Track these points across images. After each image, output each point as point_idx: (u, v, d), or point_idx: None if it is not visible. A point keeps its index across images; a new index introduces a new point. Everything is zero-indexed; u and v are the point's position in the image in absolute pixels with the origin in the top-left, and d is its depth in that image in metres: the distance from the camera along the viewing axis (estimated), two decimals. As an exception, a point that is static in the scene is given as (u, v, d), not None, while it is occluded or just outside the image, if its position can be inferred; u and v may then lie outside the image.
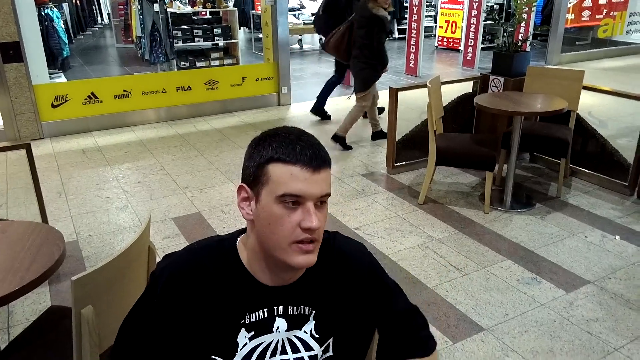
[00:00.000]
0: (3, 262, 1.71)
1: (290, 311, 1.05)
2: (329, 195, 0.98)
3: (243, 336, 1.03)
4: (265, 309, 1.04)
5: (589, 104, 6.05)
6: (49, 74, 5.86)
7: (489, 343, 2.37)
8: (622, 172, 3.92)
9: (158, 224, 3.53)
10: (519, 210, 3.68)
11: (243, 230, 1.08)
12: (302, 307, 1.06)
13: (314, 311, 1.07)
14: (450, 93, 4.43)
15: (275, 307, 1.04)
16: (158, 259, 2.93)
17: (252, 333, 1.03)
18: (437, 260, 3.08)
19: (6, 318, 2.60)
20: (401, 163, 4.42)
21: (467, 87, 4.64)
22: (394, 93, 4.12)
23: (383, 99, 5.13)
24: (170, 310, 1.01)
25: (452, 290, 2.78)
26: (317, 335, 1.07)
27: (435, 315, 2.57)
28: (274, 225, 0.96)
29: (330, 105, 6.30)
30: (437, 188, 4.09)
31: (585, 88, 3.99)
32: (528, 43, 7.92)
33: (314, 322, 1.07)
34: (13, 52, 5.01)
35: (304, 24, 11.21)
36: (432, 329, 2.44)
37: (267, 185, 0.95)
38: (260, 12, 7.46)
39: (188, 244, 1.10)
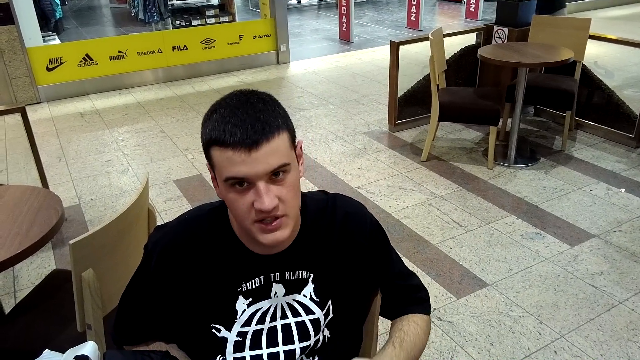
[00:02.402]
0: (1, 227, 1.69)
1: (287, 276, 1.03)
2: (284, 165, 0.88)
3: (241, 303, 1.01)
4: (262, 276, 1.02)
5: (594, 54, 5.91)
6: (43, 36, 5.72)
7: (493, 298, 2.38)
8: (628, 124, 3.85)
9: (160, 187, 3.51)
10: (523, 165, 3.64)
11: None
12: (299, 271, 1.04)
13: (312, 275, 1.05)
14: (452, 46, 4.31)
15: (272, 274, 1.02)
16: (159, 220, 2.92)
17: (250, 299, 1.02)
18: (441, 217, 3.06)
19: (12, 282, 2.61)
20: (403, 120, 4.35)
21: (471, 40, 4.51)
22: (395, 47, 4.01)
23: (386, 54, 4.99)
24: (166, 283, 1.00)
25: (455, 246, 2.78)
26: (317, 299, 1.05)
27: (439, 272, 2.57)
28: (232, 208, 0.92)
29: (327, 63, 6.18)
30: (440, 145, 4.04)
31: (591, 37, 3.87)
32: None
33: (313, 285, 1.05)
34: (3, 14, 4.88)
35: (302, -22, 10.88)
36: (436, 285, 2.46)
37: (215, 168, 0.90)
38: (256, -34, 7.22)
39: (179, 215, 1.07)
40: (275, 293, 1.03)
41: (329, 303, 1.07)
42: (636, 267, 2.55)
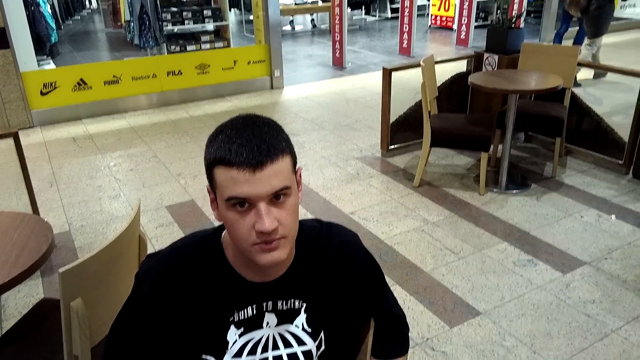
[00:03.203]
0: (-10, 256, 1.68)
1: (279, 306, 1.03)
2: (285, 188, 0.89)
3: (233, 333, 1.00)
4: (254, 305, 1.01)
5: (583, 81, 6.01)
6: (37, 60, 5.74)
7: (486, 327, 2.37)
8: (617, 151, 3.89)
9: (151, 212, 3.50)
10: (514, 191, 3.66)
11: None
12: (292, 300, 1.03)
13: (304, 304, 1.04)
14: (444, 73, 4.37)
15: (264, 303, 1.02)
16: (150, 248, 2.89)
17: (242, 329, 1.01)
18: (433, 243, 3.06)
19: (-1, 310, 2.57)
20: (396, 145, 4.38)
21: (461, 66, 4.58)
22: (387, 73, 4.06)
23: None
24: (158, 312, 0.99)
25: (448, 273, 2.77)
26: (309, 329, 1.04)
27: (432, 300, 2.56)
28: (232, 229, 0.92)
29: (320, 88, 6.23)
30: (432, 170, 4.07)
31: (579, 64, 3.94)
32: (522, 19, 7.85)
33: (305, 315, 1.04)
34: (-1, 38, 4.91)
35: (296, 4, 11.05)
36: (429, 314, 2.45)
37: (217, 189, 0.91)
38: (250, -7, 7.33)
39: (172, 242, 1.06)
40: (268, 323, 1.02)
41: (322, 334, 1.06)
42: (628, 295, 2.55)
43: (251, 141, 0.87)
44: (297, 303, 1.03)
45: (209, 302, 0.99)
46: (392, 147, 4.35)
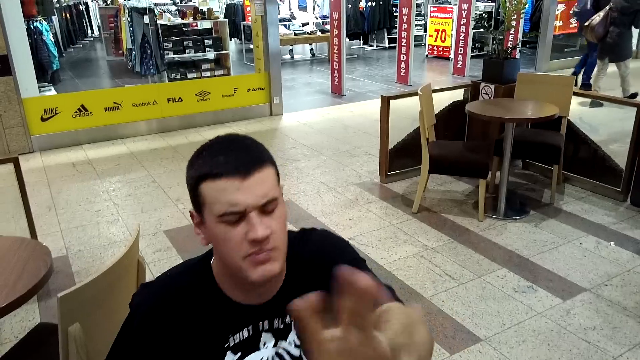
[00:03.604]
0: (-12, 279, 1.67)
1: (275, 324, 1.01)
2: (274, 199, 0.89)
3: (230, 359, 0.99)
4: (250, 326, 1.00)
5: (579, 110, 6.08)
6: (39, 87, 5.80)
7: (487, 354, 2.34)
8: (614, 178, 3.92)
9: (149, 237, 3.49)
10: (513, 218, 3.67)
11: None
12: (286, 317, 1.02)
13: (293, 320, 1.02)
14: (441, 101, 4.43)
15: (260, 323, 1.00)
16: (148, 272, 2.87)
17: (240, 354, 0.99)
18: (433, 269, 3.05)
19: (-7, 336, 2.54)
20: (394, 172, 4.40)
21: (458, 95, 4.64)
22: (385, 101, 4.11)
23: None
24: (151, 343, 0.97)
25: (448, 300, 2.75)
26: (299, 343, 1.02)
27: (432, 326, 2.54)
28: (223, 245, 0.90)
29: (319, 115, 6.28)
30: (430, 196, 4.08)
31: (575, 94, 4.01)
32: (517, 50, 7.98)
33: (295, 330, 1.02)
34: (1, 65, 4.97)
35: (295, 34, 11.24)
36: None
37: (205, 206, 0.90)
38: (250, 22, 7.47)
39: (162, 272, 1.05)
40: (265, 343, 1.00)
41: None
42: (629, 322, 2.54)
43: (236, 151, 0.89)
44: (287, 319, 1.02)
45: (202, 331, 0.98)
46: (391, 173, 4.38)
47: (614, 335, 2.45)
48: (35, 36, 6.91)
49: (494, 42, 4.62)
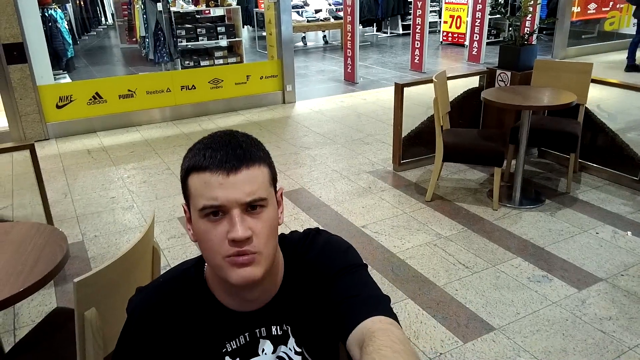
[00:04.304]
0: (6, 264, 1.69)
1: (274, 331, 0.99)
2: (262, 199, 0.86)
3: None
4: (247, 333, 0.98)
5: (597, 97, 5.97)
6: (54, 74, 5.85)
7: (500, 343, 2.33)
8: (632, 167, 3.85)
9: (164, 224, 3.51)
10: (528, 207, 3.63)
11: None
12: (283, 324, 1.00)
13: (289, 327, 1.00)
14: (456, 88, 4.38)
15: (257, 330, 0.98)
16: (162, 258, 2.89)
17: (238, 359, 0.98)
18: (446, 258, 3.04)
19: (12, 320, 2.58)
20: (407, 160, 4.37)
21: (473, 82, 4.59)
22: (399, 89, 4.07)
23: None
24: (148, 349, 0.96)
25: (461, 288, 2.74)
26: (299, 350, 1.01)
27: (445, 315, 2.53)
28: (204, 242, 0.87)
29: (332, 103, 6.26)
30: (444, 185, 4.05)
31: (593, 81, 3.93)
32: (534, 36, 7.85)
33: (293, 338, 1.01)
34: (17, 53, 5.01)
35: (308, 21, 11.16)
36: (442, 329, 2.42)
37: (191, 200, 0.88)
38: (263, 10, 7.43)
39: (156, 278, 1.04)
40: (264, 350, 0.99)
41: (308, 353, 1.02)
42: (646, 312, 2.51)
43: (226, 146, 0.87)
44: (284, 326, 1.00)
45: (197, 336, 0.96)
46: (404, 161, 4.35)
47: (630, 325, 2.42)
48: (50, 24, 6.95)
49: (510, 29, 4.54)
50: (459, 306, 2.60)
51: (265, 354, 0.99)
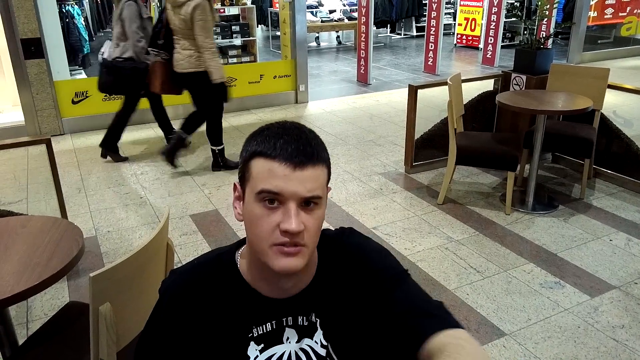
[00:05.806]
0: (22, 257, 1.71)
1: (299, 321, 1.01)
2: (318, 197, 0.89)
3: (253, 349, 0.99)
4: (273, 321, 1.00)
5: (613, 103, 5.91)
6: (70, 70, 5.90)
7: (511, 349, 2.32)
8: (648, 174, 3.81)
9: (176, 221, 3.53)
10: (541, 212, 3.60)
11: (244, 241, 1.03)
12: (312, 315, 1.01)
13: (318, 319, 1.02)
14: (470, 91, 4.35)
15: (284, 319, 1.00)
16: (176, 256, 2.92)
17: (262, 345, 1.00)
18: (457, 262, 3.02)
19: (25, 313, 2.61)
20: (420, 162, 4.36)
21: (488, 85, 4.56)
22: (413, 91, 4.06)
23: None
24: (177, 328, 0.98)
25: (472, 293, 2.73)
26: (325, 344, 1.02)
27: (456, 319, 2.52)
28: (255, 226, 0.90)
29: (344, 103, 6.25)
30: (456, 188, 4.03)
31: (610, 87, 3.89)
32: (550, 40, 7.81)
33: (321, 331, 1.02)
34: (34, 48, 5.06)
35: (322, 21, 11.16)
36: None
37: (249, 182, 0.90)
38: (278, 9, 7.44)
39: (189, 261, 1.06)
40: (288, 338, 1.00)
41: (333, 349, 1.02)
42: (659, 322, 2.48)
43: (298, 141, 0.89)
44: (313, 318, 1.01)
45: (226, 319, 0.98)
46: (416, 163, 4.34)
47: (644, 334, 2.39)
48: (67, 20, 7.01)
49: (526, 32, 4.51)
50: (469, 311, 2.58)
51: (290, 342, 1.00)
